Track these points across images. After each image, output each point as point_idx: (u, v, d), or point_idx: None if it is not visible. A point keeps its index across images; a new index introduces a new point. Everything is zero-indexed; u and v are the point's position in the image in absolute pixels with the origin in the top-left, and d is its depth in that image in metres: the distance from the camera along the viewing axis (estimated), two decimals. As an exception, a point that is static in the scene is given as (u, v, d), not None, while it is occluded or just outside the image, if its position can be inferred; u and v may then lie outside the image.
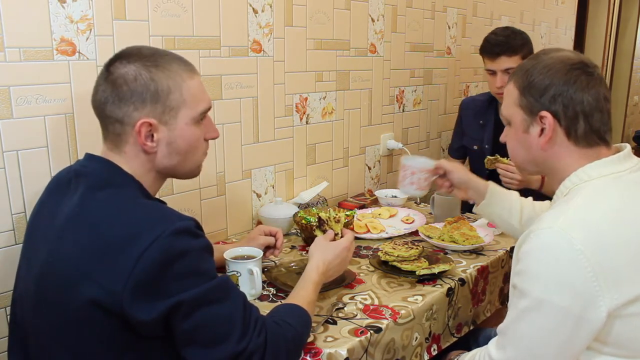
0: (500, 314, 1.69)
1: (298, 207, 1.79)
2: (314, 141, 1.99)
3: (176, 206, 1.50)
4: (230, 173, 1.72)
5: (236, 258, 1.32)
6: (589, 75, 1.02)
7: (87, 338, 0.91)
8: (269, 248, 1.46)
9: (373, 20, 2.13)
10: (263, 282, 1.33)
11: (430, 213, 1.96)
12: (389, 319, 1.21)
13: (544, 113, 1.03)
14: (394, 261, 1.43)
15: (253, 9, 1.67)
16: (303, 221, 1.62)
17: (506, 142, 1.16)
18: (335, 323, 1.19)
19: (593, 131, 1.03)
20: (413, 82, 2.43)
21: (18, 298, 1.04)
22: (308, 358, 1.08)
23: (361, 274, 1.45)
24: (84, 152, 1.05)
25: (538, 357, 0.96)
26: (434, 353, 1.36)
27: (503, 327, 1.01)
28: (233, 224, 1.76)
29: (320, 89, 1.96)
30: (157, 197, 1.10)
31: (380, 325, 1.18)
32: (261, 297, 1.32)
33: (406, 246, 1.49)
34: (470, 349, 1.17)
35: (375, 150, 2.29)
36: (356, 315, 1.23)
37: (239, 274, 1.28)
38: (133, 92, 0.97)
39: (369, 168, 2.28)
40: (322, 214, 1.41)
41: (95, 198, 0.95)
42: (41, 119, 1.26)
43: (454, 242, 1.63)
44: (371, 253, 1.60)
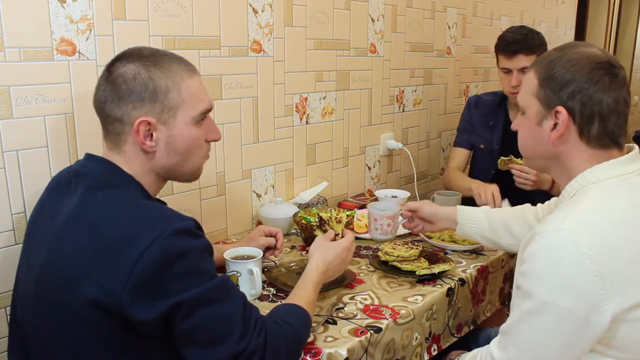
0: (500, 314, 1.70)
1: (298, 207, 1.79)
2: (314, 141, 1.99)
3: (176, 206, 1.50)
4: (230, 173, 1.72)
5: (236, 258, 1.32)
6: (613, 76, 0.99)
7: (87, 338, 0.91)
8: (270, 249, 1.45)
9: (373, 20, 2.13)
10: (263, 282, 1.33)
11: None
12: (389, 319, 1.21)
13: (560, 108, 1.00)
14: (394, 261, 1.43)
15: (253, 9, 1.67)
16: (303, 221, 1.62)
17: (517, 131, 1.13)
18: (335, 323, 1.19)
19: (607, 133, 1.00)
20: (413, 82, 2.42)
21: (18, 298, 1.04)
22: (308, 358, 1.08)
23: (361, 274, 1.45)
24: (84, 152, 1.05)
25: (540, 358, 0.96)
26: (434, 353, 1.36)
27: (506, 328, 1.01)
28: (233, 224, 1.76)
29: (320, 89, 1.96)
30: (157, 198, 1.10)
31: (380, 325, 1.18)
32: (261, 297, 1.32)
33: (406, 246, 1.49)
34: (470, 349, 1.17)
35: (375, 150, 2.29)
36: (356, 315, 1.23)
37: (239, 274, 1.28)
38: (132, 91, 0.97)
39: (369, 168, 2.28)
40: (323, 214, 1.41)
41: (95, 198, 0.95)
42: (41, 119, 1.26)
43: (454, 242, 1.63)
44: (371, 253, 1.60)
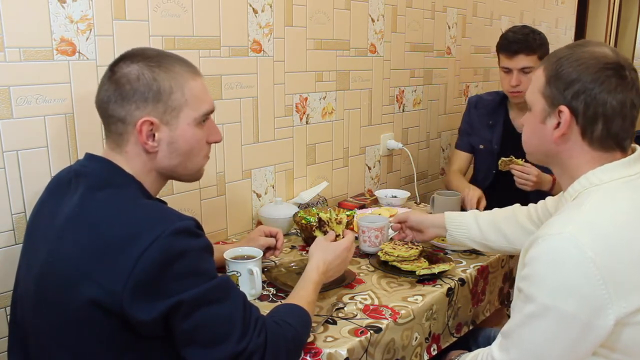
0: (499, 314, 1.70)
1: (298, 207, 1.79)
2: (314, 141, 1.99)
3: (176, 206, 1.50)
4: (230, 173, 1.72)
5: (236, 258, 1.32)
6: (621, 78, 0.97)
7: (87, 338, 0.91)
8: (270, 249, 1.45)
9: (373, 20, 2.13)
10: (263, 282, 1.33)
11: (430, 213, 1.95)
12: (389, 319, 1.21)
13: (563, 108, 0.99)
14: (394, 261, 1.43)
15: (253, 9, 1.67)
16: (303, 221, 1.62)
17: (524, 126, 1.12)
18: (335, 323, 1.19)
19: (610, 136, 0.99)
20: (413, 82, 2.42)
21: (18, 298, 1.04)
22: (308, 358, 1.08)
23: (361, 274, 1.45)
24: (84, 152, 1.05)
25: None
26: (434, 353, 1.36)
27: (507, 330, 1.00)
28: (233, 224, 1.76)
29: (320, 89, 1.96)
30: (158, 197, 1.10)
31: (380, 325, 1.18)
32: (261, 297, 1.32)
33: (406, 246, 1.49)
34: (470, 349, 1.17)
35: (375, 150, 2.29)
36: (356, 315, 1.23)
37: (239, 274, 1.28)
38: (135, 91, 0.97)
39: (369, 168, 2.28)
40: (323, 215, 1.41)
41: (95, 198, 0.96)
42: (41, 119, 1.26)
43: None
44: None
